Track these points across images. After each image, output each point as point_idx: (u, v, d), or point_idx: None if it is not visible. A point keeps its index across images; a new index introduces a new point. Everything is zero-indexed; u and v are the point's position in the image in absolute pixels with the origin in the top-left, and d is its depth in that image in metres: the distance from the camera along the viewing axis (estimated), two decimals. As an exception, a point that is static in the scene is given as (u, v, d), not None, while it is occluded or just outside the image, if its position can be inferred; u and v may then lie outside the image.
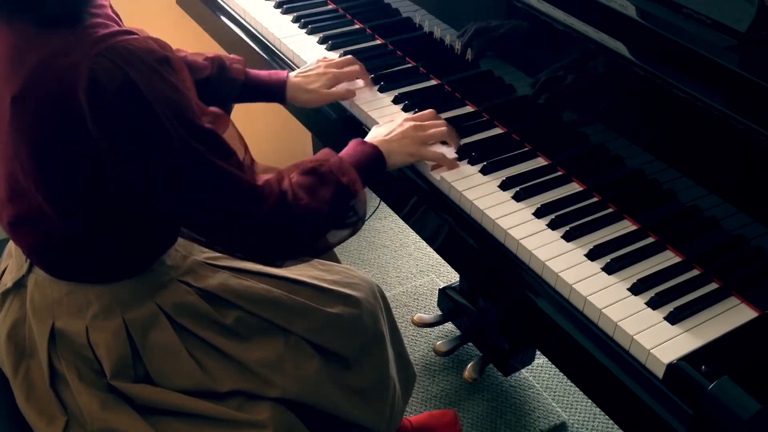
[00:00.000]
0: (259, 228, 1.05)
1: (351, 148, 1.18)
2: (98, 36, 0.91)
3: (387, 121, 1.31)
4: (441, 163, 1.25)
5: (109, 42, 0.90)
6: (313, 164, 1.11)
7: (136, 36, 0.93)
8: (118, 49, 0.90)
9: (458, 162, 1.27)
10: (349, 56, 1.46)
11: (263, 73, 1.40)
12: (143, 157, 0.94)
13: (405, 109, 1.40)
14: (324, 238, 1.12)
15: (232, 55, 1.38)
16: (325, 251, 1.16)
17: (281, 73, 1.40)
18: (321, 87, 1.39)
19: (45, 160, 0.97)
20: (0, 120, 0.98)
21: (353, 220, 1.14)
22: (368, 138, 1.23)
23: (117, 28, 0.94)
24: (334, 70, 1.41)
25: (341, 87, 1.41)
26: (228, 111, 1.35)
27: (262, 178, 1.05)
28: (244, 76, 1.36)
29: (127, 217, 1.05)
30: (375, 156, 1.18)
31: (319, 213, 1.08)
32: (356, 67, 1.43)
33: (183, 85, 0.95)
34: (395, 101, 1.42)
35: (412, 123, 1.24)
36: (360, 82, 1.45)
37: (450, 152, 1.29)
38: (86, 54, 0.89)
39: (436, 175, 1.25)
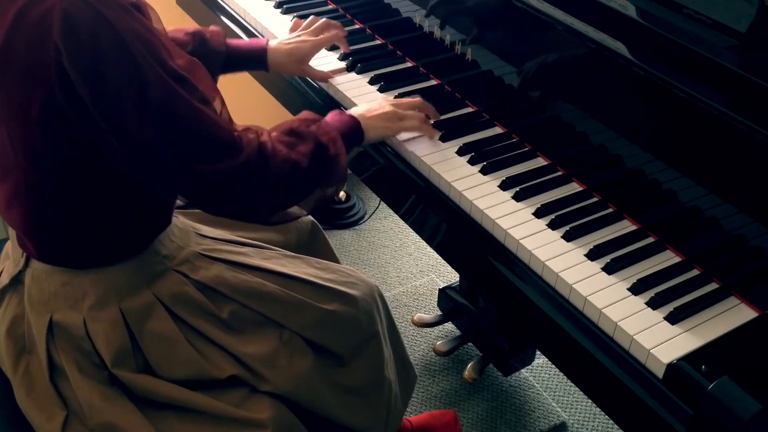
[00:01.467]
0: (237, 176, 1.04)
1: (330, 116, 1.23)
2: None
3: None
4: (420, 131, 1.30)
5: None
6: (293, 123, 1.15)
7: None
8: None
9: (438, 131, 1.32)
10: (325, 20, 1.49)
11: (243, 42, 1.44)
12: (119, 95, 0.94)
13: (405, 109, 1.40)
14: (301, 199, 1.15)
15: (211, 27, 1.40)
16: (300, 214, 1.18)
17: (261, 40, 1.44)
18: (303, 55, 1.44)
19: (31, 119, 0.97)
20: None
21: (333, 181, 1.17)
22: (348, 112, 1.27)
23: None
24: (313, 38, 1.46)
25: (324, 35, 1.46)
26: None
27: (241, 129, 1.07)
28: (225, 47, 1.39)
29: (116, 186, 1.04)
30: (354, 125, 1.22)
31: (298, 165, 1.10)
32: (333, 33, 1.48)
33: (155, 29, 0.97)
34: (395, 101, 1.42)
35: (389, 102, 1.31)
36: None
37: (449, 148, 1.29)
38: None
39: (433, 171, 1.25)
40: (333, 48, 1.57)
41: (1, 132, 1.00)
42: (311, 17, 1.51)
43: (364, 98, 1.43)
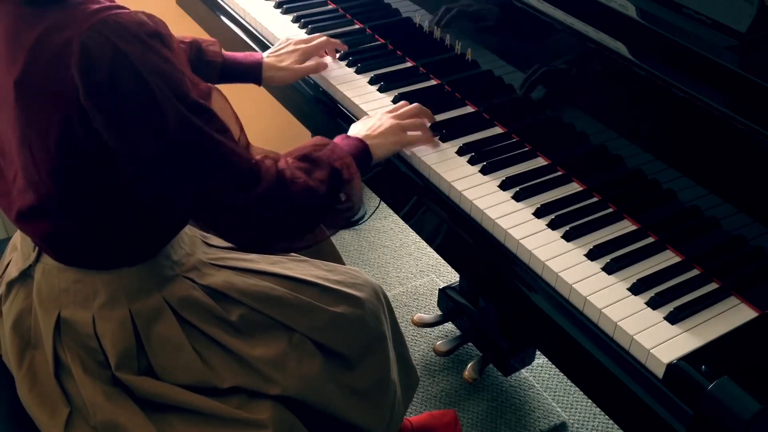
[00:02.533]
0: (257, 206, 1.03)
1: (339, 140, 1.22)
2: (90, 11, 0.91)
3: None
4: (422, 143, 1.30)
5: (99, 16, 0.90)
6: (307, 149, 1.14)
7: (126, 10, 0.93)
8: (108, 22, 0.90)
9: (438, 141, 1.32)
10: (318, 34, 1.52)
11: (239, 54, 1.45)
12: (137, 131, 0.93)
13: (405, 109, 1.40)
14: (319, 226, 1.14)
15: (206, 38, 1.41)
16: (318, 240, 1.17)
17: (256, 55, 1.45)
18: (293, 63, 1.46)
19: (50, 144, 0.97)
20: (7, 107, 0.99)
21: (348, 206, 1.16)
22: (350, 133, 1.25)
23: (108, 3, 0.94)
24: (303, 45, 1.48)
25: (311, 61, 1.48)
26: None
27: (258, 156, 1.06)
28: (221, 58, 1.40)
29: (133, 204, 1.04)
30: (362, 147, 1.21)
31: (316, 192, 1.09)
32: (324, 39, 1.49)
33: (175, 59, 0.95)
34: (395, 101, 1.42)
35: (389, 114, 1.30)
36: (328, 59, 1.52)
37: (451, 151, 1.29)
38: (78, 29, 0.90)
39: (433, 171, 1.25)
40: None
41: (25, 150, 1.00)
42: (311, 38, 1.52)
43: (363, 98, 1.43)
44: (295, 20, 1.68)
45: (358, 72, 1.50)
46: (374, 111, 1.39)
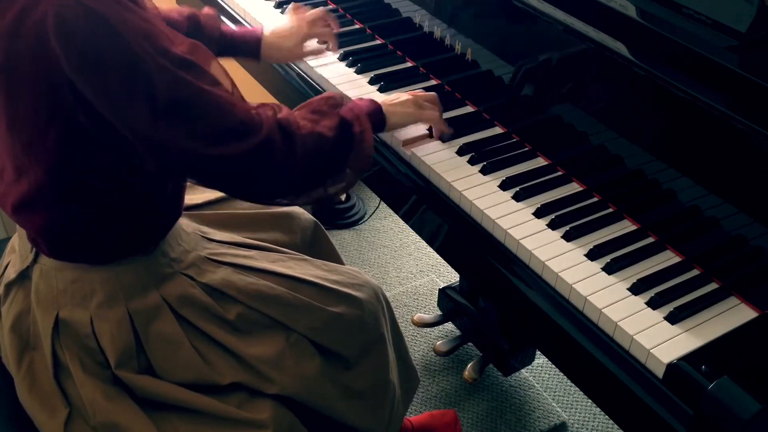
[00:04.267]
0: (261, 153, 1.02)
1: (354, 101, 1.21)
2: None
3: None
4: (437, 123, 1.31)
5: None
6: (315, 101, 1.14)
7: None
8: None
9: (451, 129, 1.33)
10: (320, 9, 1.49)
11: (238, 29, 1.43)
12: (127, 94, 0.92)
13: (405, 109, 1.40)
14: (328, 176, 1.12)
15: (205, 10, 1.39)
16: (325, 196, 1.15)
17: (256, 30, 1.43)
18: (294, 46, 1.44)
19: (41, 128, 0.96)
20: None
21: (360, 160, 1.14)
22: None
23: None
24: (306, 30, 1.45)
25: (312, 45, 1.48)
26: None
27: (256, 104, 1.05)
28: (219, 32, 1.38)
29: (129, 187, 1.04)
30: (376, 108, 1.21)
31: (323, 138, 1.08)
32: (327, 29, 1.48)
33: (151, 17, 0.95)
34: (395, 101, 1.42)
35: (408, 93, 1.30)
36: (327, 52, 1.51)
37: (451, 152, 1.29)
38: (51, 1, 0.88)
39: (433, 171, 1.25)
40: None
41: (14, 138, 0.99)
42: (310, 11, 1.49)
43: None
44: (295, 20, 1.67)
45: (358, 72, 1.50)
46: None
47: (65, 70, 0.90)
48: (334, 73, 1.50)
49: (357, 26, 1.67)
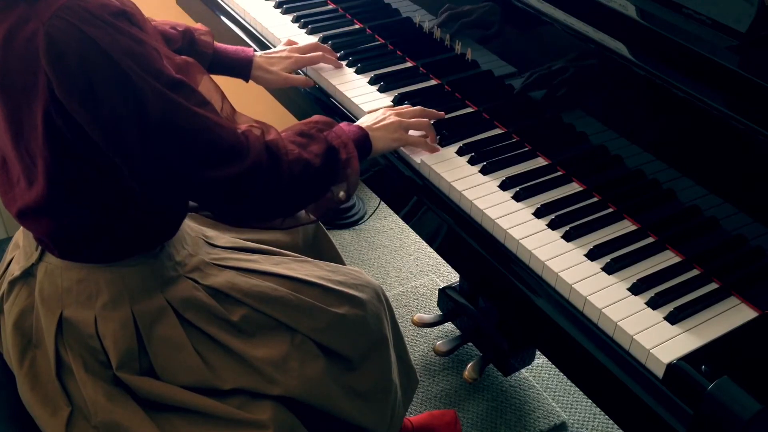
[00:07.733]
0: (249, 176, 1.03)
1: (340, 125, 1.22)
2: None
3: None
4: (422, 148, 1.30)
5: (61, 2, 0.89)
6: (303, 125, 1.15)
7: None
8: (71, 7, 0.88)
9: (439, 147, 1.31)
10: (314, 42, 1.51)
11: (231, 48, 1.44)
12: (117, 117, 0.92)
13: (405, 109, 1.40)
14: (313, 199, 1.14)
15: (198, 26, 1.40)
16: (309, 220, 1.17)
17: (248, 51, 1.44)
18: (282, 70, 1.45)
19: (39, 140, 0.96)
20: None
21: (345, 185, 1.15)
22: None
23: None
24: (297, 55, 1.47)
25: (302, 74, 1.50)
26: None
27: (245, 126, 1.05)
28: (212, 50, 1.39)
29: (131, 196, 1.04)
30: (362, 135, 1.21)
31: (310, 164, 1.09)
32: (319, 54, 1.48)
33: (145, 36, 0.94)
34: (395, 101, 1.42)
35: (393, 111, 1.30)
36: (327, 66, 1.51)
37: (451, 152, 1.29)
38: (41, 18, 0.88)
39: (433, 171, 1.25)
40: (334, 49, 1.57)
41: (21, 149, 1.00)
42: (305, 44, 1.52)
43: (363, 98, 1.43)
44: (295, 20, 1.68)
45: (358, 72, 1.50)
46: (374, 111, 1.39)
47: (56, 92, 0.90)
48: (334, 72, 1.50)
49: (357, 26, 1.67)
